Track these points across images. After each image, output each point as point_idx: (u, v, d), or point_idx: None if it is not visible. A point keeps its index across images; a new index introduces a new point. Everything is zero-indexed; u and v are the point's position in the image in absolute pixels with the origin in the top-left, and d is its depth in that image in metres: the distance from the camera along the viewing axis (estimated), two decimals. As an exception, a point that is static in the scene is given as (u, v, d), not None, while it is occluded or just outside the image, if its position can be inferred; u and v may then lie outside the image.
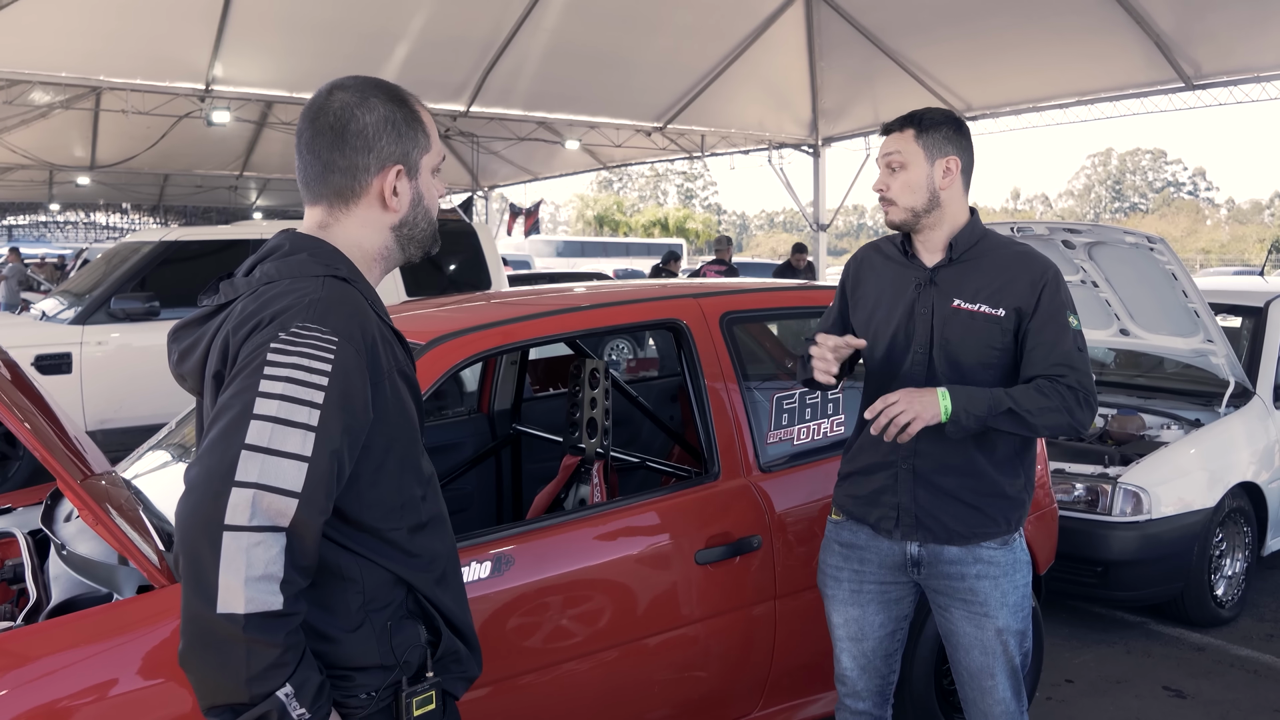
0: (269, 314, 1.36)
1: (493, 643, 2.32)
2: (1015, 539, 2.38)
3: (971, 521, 2.32)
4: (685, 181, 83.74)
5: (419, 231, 1.56)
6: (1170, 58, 10.35)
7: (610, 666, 2.51)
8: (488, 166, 20.32)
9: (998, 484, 2.32)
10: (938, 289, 2.33)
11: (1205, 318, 4.50)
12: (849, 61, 12.60)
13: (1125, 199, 79.40)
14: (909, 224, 2.34)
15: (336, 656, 1.40)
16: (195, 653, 1.27)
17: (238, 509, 1.24)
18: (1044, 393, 2.20)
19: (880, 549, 2.41)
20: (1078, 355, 2.25)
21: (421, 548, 1.49)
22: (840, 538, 2.49)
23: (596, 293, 3.16)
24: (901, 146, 2.31)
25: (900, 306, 2.36)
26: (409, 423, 1.49)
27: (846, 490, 2.48)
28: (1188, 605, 4.41)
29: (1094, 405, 2.25)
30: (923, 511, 2.33)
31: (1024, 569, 2.38)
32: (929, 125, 2.31)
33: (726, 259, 12.23)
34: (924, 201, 2.30)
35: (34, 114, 14.84)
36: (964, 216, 2.35)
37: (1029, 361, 2.27)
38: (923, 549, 2.36)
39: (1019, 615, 2.35)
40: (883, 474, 2.37)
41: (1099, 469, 4.37)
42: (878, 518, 2.39)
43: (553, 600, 2.43)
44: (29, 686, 1.80)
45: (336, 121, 1.47)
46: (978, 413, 2.15)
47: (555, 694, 2.44)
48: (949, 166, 2.30)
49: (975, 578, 2.33)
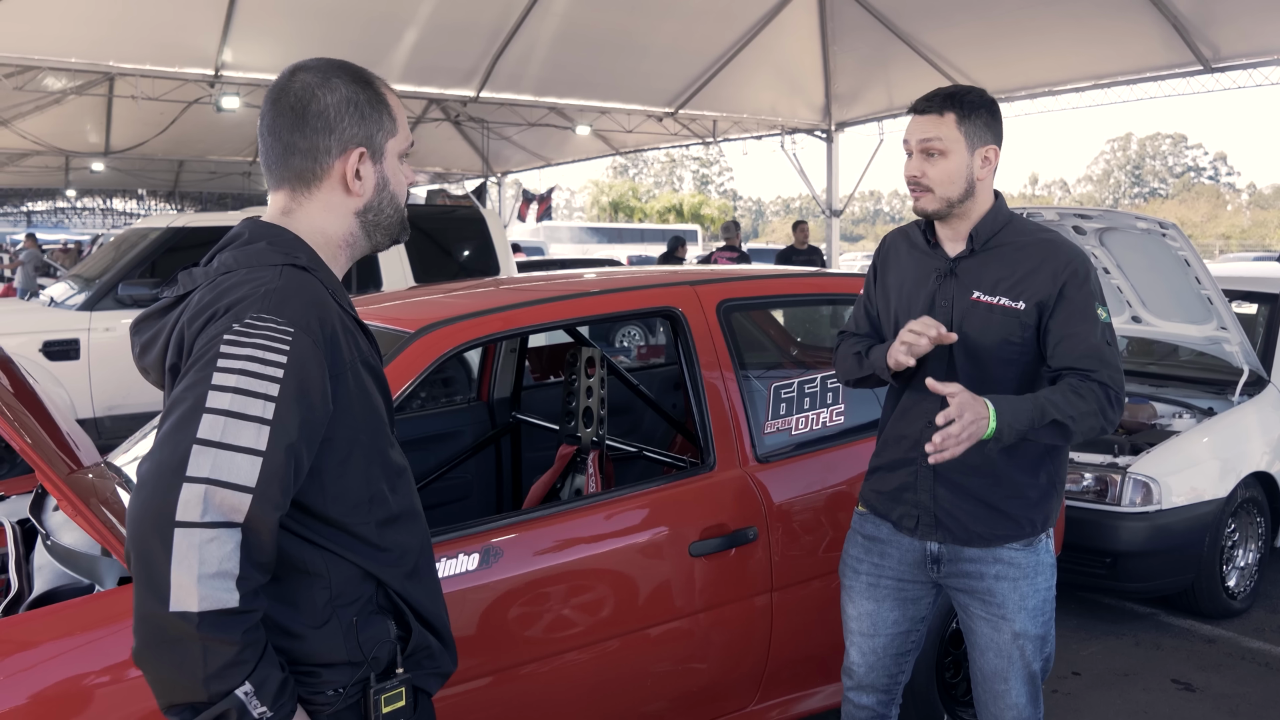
0: (223, 305, 1.33)
1: (480, 635, 2.30)
2: (1041, 541, 2.29)
3: (992, 522, 2.25)
4: (701, 167, 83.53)
5: (385, 218, 1.52)
6: (1188, 39, 10.19)
7: (602, 659, 2.48)
8: (500, 152, 20.27)
9: (1019, 485, 2.24)
10: (958, 280, 2.24)
11: (1219, 304, 4.42)
12: (862, 45, 12.47)
13: (1145, 184, 78.67)
14: (941, 213, 2.22)
15: (302, 653, 1.38)
16: (150, 652, 1.25)
17: (189, 505, 1.22)
18: (1080, 394, 2.07)
19: (901, 545, 2.36)
20: (1108, 350, 2.14)
21: (391, 542, 1.46)
22: (864, 530, 2.44)
23: (591, 280, 3.11)
24: (943, 132, 2.15)
25: (921, 297, 2.28)
26: (375, 415, 1.46)
27: (872, 485, 2.42)
28: (1199, 597, 4.35)
29: (1123, 403, 2.14)
30: (942, 511, 2.27)
31: (1047, 572, 2.29)
32: (971, 109, 2.16)
33: (736, 244, 12.14)
34: (961, 192, 2.18)
35: (48, 100, 14.89)
36: (989, 203, 2.24)
37: (1056, 354, 2.15)
38: (943, 547, 2.30)
39: (1038, 620, 2.27)
40: (904, 471, 2.32)
41: (1108, 458, 4.31)
42: (899, 515, 2.34)
43: (542, 592, 2.39)
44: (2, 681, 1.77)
45: (297, 102, 1.44)
46: (1020, 427, 2.02)
47: (546, 687, 2.40)
48: (988, 156, 2.19)
49: (994, 578, 2.26)
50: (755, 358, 3.12)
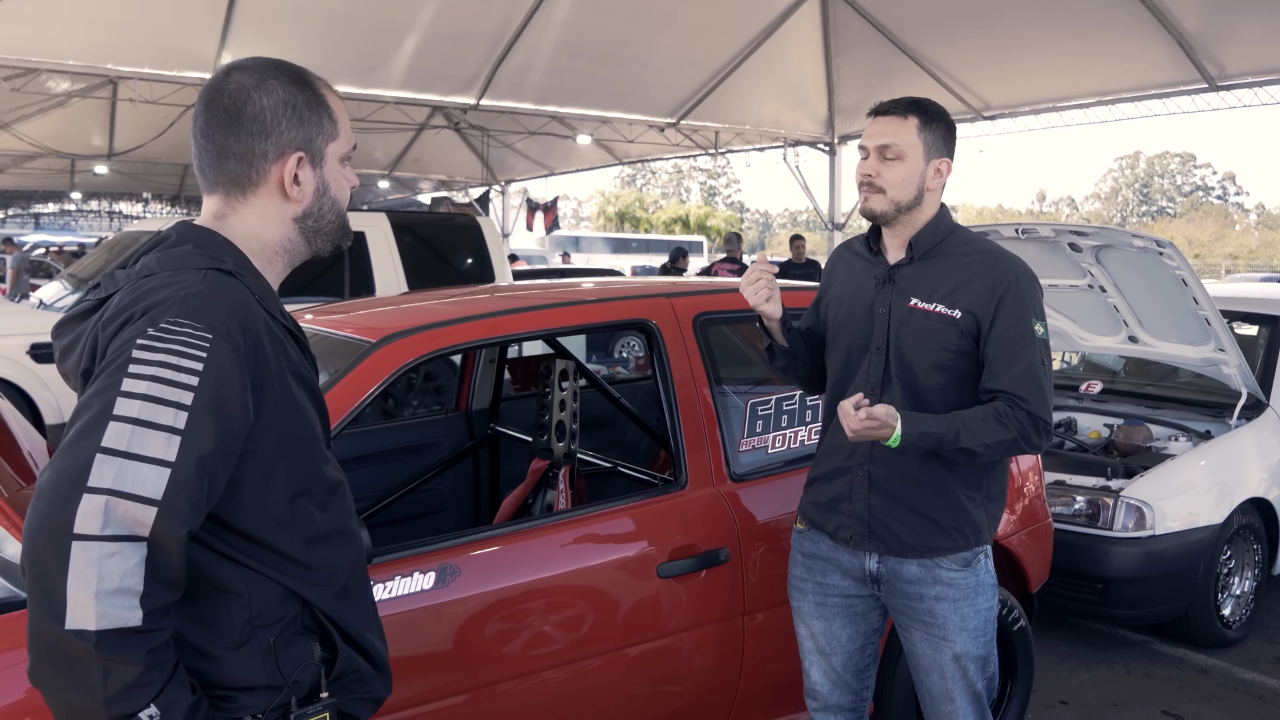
0: (140, 308, 1.26)
1: (432, 657, 2.21)
2: (979, 560, 2.26)
3: (925, 533, 2.21)
4: (708, 179, 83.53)
5: (326, 224, 1.46)
6: (1194, 57, 10.13)
7: (560, 684, 2.38)
8: (504, 161, 20.26)
9: (954, 495, 2.21)
10: (896, 287, 2.23)
11: (1216, 325, 4.32)
12: (866, 59, 12.43)
13: (1153, 202, 78.46)
14: (888, 217, 2.22)
15: (219, 675, 1.30)
16: (45, 672, 1.17)
17: (88, 517, 1.14)
18: (1004, 423, 2.09)
19: (841, 561, 2.32)
20: (1041, 371, 2.13)
21: (320, 560, 1.39)
22: (804, 548, 2.40)
23: (563, 291, 3.03)
24: (902, 137, 2.17)
25: (861, 305, 2.28)
26: (305, 427, 1.38)
27: (809, 497, 2.39)
28: (1192, 625, 4.24)
29: (1050, 433, 2.16)
30: (875, 520, 2.24)
31: (987, 592, 2.27)
32: (932, 118, 2.19)
33: (738, 257, 12.06)
34: (911, 197, 2.19)
35: (51, 102, 14.91)
36: (932, 213, 2.24)
37: (990, 373, 2.15)
38: (881, 564, 2.26)
39: (979, 640, 2.25)
40: (840, 480, 2.29)
41: (1101, 481, 4.21)
42: (835, 526, 2.31)
43: (499, 614, 2.30)
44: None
45: (232, 104, 1.37)
46: (925, 445, 2.09)
47: (496, 713, 2.31)
48: (940, 169, 2.21)
49: (934, 599, 2.23)
50: (733, 373, 3.02)
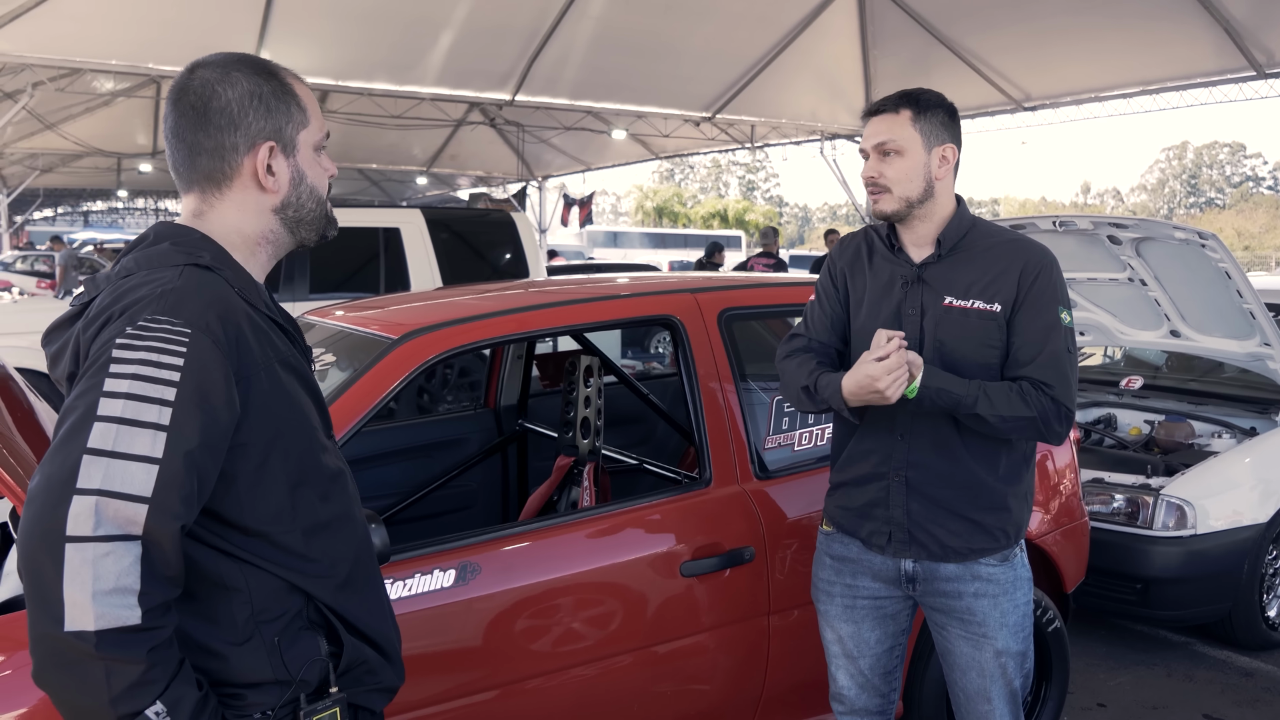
0: (119, 308, 1.26)
1: (451, 655, 2.21)
2: (1015, 554, 2.22)
3: (969, 536, 2.16)
4: (747, 173, 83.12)
5: (307, 213, 1.45)
6: (1241, 45, 9.89)
7: (582, 683, 2.36)
8: (541, 156, 20.29)
9: (997, 496, 2.16)
10: (927, 287, 2.16)
11: (1262, 319, 4.21)
12: (903, 50, 12.28)
13: (1201, 193, 76.83)
14: (900, 215, 2.16)
15: (225, 673, 1.30)
16: (49, 674, 1.18)
17: (80, 518, 1.15)
18: (1026, 400, 2.04)
19: (873, 563, 2.27)
20: (1066, 360, 2.08)
21: (320, 551, 1.38)
22: (832, 550, 2.34)
23: (589, 287, 3.01)
24: (897, 132, 2.13)
25: (886, 307, 2.19)
26: (299, 417, 1.38)
27: (837, 501, 2.32)
28: (1236, 627, 4.13)
29: (1071, 422, 2.10)
30: (916, 526, 2.18)
31: (1025, 586, 2.23)
32: (926, 107, 2.14)
33: (774, 251, 11.97)
34: (919, 191, 2.13)
35: (97, 102, 15.19)
36: (952, 207, 2.19)
37: (1015, 359, 2.10)
38: (918, 565, 2.21)
39: (1019, 636, 2.21)
40: (874, 486, 2.22)
41: (1141, 479, 4.11)
42: (869, 532, 2.24)
43: (521, 612, 2.29)
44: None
45: (198, 100, 1.37)
46: (942, 403, 2.04)
47: (515, 712, 2.30)
48: (945, 155, 2.15)
49: (973, 596, 2.18)
50: (760, 369, 2.99)
